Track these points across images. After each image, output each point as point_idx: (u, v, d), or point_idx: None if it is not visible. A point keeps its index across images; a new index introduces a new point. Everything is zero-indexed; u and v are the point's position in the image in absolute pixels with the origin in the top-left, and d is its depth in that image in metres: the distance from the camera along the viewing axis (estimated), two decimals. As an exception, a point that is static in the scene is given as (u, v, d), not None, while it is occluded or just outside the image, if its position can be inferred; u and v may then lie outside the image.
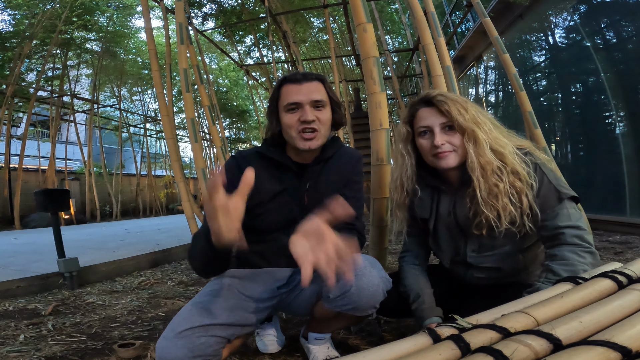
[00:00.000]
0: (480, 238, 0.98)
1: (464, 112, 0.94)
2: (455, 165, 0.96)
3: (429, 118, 0.98)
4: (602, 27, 4.12)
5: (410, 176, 1.05)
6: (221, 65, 12.18)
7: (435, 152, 0.96)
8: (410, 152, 1.04)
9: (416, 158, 1.05)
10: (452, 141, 0.95)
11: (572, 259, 0.84)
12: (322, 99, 0.98)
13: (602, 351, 0.41)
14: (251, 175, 0.66)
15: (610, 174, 4.06)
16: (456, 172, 1.00)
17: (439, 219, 1.06)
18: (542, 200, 0.90)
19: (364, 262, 0.91)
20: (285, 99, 0.98)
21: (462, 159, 0.96)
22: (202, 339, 0.83)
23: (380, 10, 7.43)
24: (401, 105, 6.85)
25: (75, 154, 10.93)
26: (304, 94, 0.97)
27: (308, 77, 0.99)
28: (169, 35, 3.57)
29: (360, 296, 0.88)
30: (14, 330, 1.53)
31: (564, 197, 0.89)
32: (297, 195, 1.03)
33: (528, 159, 0.92)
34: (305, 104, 0.96)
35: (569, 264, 0.83)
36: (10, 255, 3.13)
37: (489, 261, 1.00)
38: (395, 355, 0.50)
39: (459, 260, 1.06)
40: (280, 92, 1.00)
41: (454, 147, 0.96)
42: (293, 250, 0.68)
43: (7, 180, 7.53)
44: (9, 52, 7.00)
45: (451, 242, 1.06)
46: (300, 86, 0.97)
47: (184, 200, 2.75)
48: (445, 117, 0.95)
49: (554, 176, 0.92)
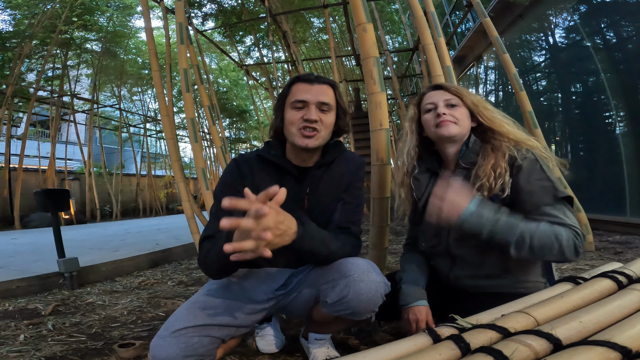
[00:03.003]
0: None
1: (472, 96, 1.04)
2: (456, 134, 1.01)
3: (435, 96, 1.06)
4: (602, 27, 4.12)
5: (410, 153, 1.11)
6: (221, 65, 12.19)
7: (437, 122, 1.02)
8: (414, 131, 1.11)
9: (419, 139, 1.11)
10: (454, 114, 1.02)
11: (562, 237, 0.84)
12: (329, 102, 0.99)
13: (602, 351, 0.41)
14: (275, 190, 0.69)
15: (610, 174, 4.06)
16: (454, 150, 1.04)
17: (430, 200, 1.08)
18: (535, 194, 0.91)
19: (362, 267, 0.90)
20: (294, 95, 0.99)
21: (463, 132, 1.02)
22: (196, 338, 0.83)
23: (380, 10, 7.43)
24: (401, 105, 6.85)
25: (75, 154, 10.94)
26: (313, 94, 0.98)
27: (320, 80, 1.01)
28: (169, 35, 3.57)
29: (358, 301, 0.88)
30: (14, 330, 1.53)
31: (560, 196, 0.90)
32: (297, 199, 1.03)
33: (530, 153, 0.94)
34: (312, 103, 0.97)
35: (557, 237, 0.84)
36: (10, 255, 3.13)
37: (470, 253, 1.00)
38: (395, 355, 0.50)
39: (441, 250, 1.06)
40: (290, 89, 1.01)
41: (455, 119, 1.02)
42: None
43: (7, 180, 7.53)
44: (9, 52, 7.00)
45: (435, 225, 1.06)
46: (311, 86, 0.99)
47: (184, 200, 2.75)
48: (450, 95, 1.04)
49: (553, 174, 0.94)
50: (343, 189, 1.05)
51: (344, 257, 0.95)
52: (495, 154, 0.96)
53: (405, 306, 1.05)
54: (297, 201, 1.03)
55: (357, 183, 1.08)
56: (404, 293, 1.07)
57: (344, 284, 0.89)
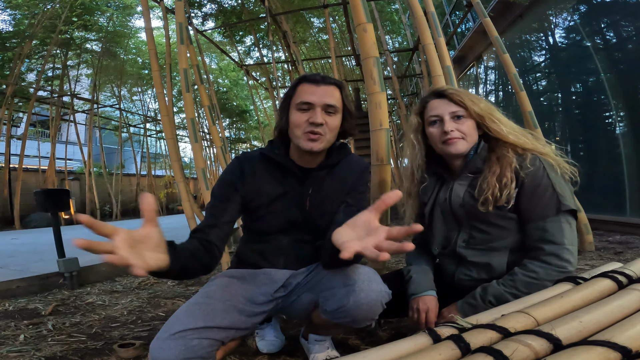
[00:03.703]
0: (473, 229, 1.01)
1: (478, 102, 1.00)
2: (464, 151, 1.00)
3: (439, 107, 1.02)
4: (602, 27, 4.12)
5: (420, 165, 1.10)
6: (221, 65, 12.18)
7: (445, 139, 1.00)
8: (420, 142, 1.09)
9: (426, 148, 1.10)
10: (461, 129, 0.99)
11: (540, 275, 0.88)
12: (335, 104, 0.97)
13: (602, 351, 0.41)
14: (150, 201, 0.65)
15: (610, 174, 4.06)
16: (460, 160, 1.03)
17: (436, 204, 1.09)
18: (539, 205, 0.91)
19: (363, 276, 0.89)
20: (299, 97, 0.97)
21: (471, 146, 1.01)
22: (195, 341, 0.82)
23: (380, 10, 7.43)
24: (401, 105, 6.84)
25: (75, 154, 10.94)
26: (319, 96, 0.95)
27: (326, 81, 0.98)
28: (169, 35, 3.57)
29: (359, 310, 0.87)
30: (14, 330, 1.53)
31: (563, 209, 0.90)
32: (299, 199, 1.02)
33: (537, 162, 0.94)
34: (318, 105, 0.95)
35: (533, 278, 0.89)
36: (10, 255, 3.13)
37: (477, 255, 1.01)
38: (395, 355, 0.50)
39: (450, 251, 1.07)
40: (296, 89, 0.99)
41: (463, 135, 0.99)
42: (336, 238, 0.68)
43: (7, 180, 7.53)
44: (9, 52, 7.00)
45: (444, 229, 1.08)
46: (317, 87, 0.96)
47: (184, 200, 2.75)
48: (456, 107, 1.00)
49: (560, 184, 0.92)
50: (346, 192, 1.04)
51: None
52: (500, 163, 0.95)
53: (415, 295, 1.06)
54: (299, 202, 1.02)
55: (360, 187, 1.06)
56: (414, 282, 1.07)
57: (344, 293, 0.88)
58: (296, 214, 1.02)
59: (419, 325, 1.02)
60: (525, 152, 0.95)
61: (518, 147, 0.96)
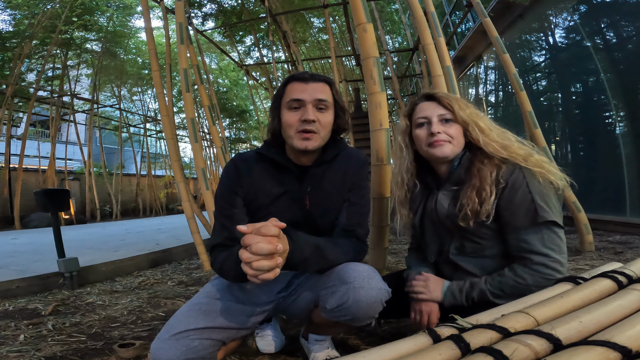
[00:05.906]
0: (464, 239, 0.99)
1: (465, 108, 0.98)
2: (450, 154, 0.98)
3: (428, 109, 1.01)
4: (602, 27, 4.12)
5: (409, 169, 1.08)
6: (221, 65, 12.18)
7: (431, 141, 0.98)
8: (408, 145, 1.07)
9: (413, 152, 1.08)
10: (448, 132, 0.98)
11: (527, 281, 0.88)
12: (327, 99, 0.96)
13: (602, 351, 0.41)
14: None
15: (610, 174, 4.06)
16: (446, 166, 1.02)
17: (425, 214, 1.08)
18: (518, 216, 0.90)
19: (363, 273, 0.88)
20: (289, 95, 0.96)
21: (457, 151, 0.99)
22: (197, 341, 0.82)
23: (380, 10, 7.43)
24: (401, 105, 6.84)
25: (75, 154, 10.94)
26: (309, 92, 0.94)
27: (315, 78, 0.97)
28: (169, 35, 3.57)
29: (358, 308, 0.87)
30: (14, 330, 1.53)
31: (540, 221, 0.88)
32: (299, 198, 1.01)
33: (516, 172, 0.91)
34: (308, 102, 0.94)
35: (520, 283, 0.89)
36: (10, 255, 3.13)
37: (469, 264, 1.00)
38: (395, 355, 0.50)
39: (444, 258, 1.06)
40: (285, 89, 0.98)
41: (450, 138, 0.98)
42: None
43: (7, 180, 7.53)
44: (9, 52, 6.99)
45: (436, 237, 1.08)
46: (306, 85, 0.95)
47: (184, 200, 2.75)
48: (444, 110, 0.99)
49: (541, 194, 0.89)
50: (348, 189, 1.02)
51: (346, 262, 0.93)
52: (480, 175, 0.93)
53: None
54: (298, 200, 1.01)
55: (362, 182, 1.05)
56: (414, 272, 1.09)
57: (343, 291, 0.87)
58: (297, 214, 1.00)
59: (420, 328, 1.02)
60: (505, 163, 0.93)
61: (495, 158, 0.94)
